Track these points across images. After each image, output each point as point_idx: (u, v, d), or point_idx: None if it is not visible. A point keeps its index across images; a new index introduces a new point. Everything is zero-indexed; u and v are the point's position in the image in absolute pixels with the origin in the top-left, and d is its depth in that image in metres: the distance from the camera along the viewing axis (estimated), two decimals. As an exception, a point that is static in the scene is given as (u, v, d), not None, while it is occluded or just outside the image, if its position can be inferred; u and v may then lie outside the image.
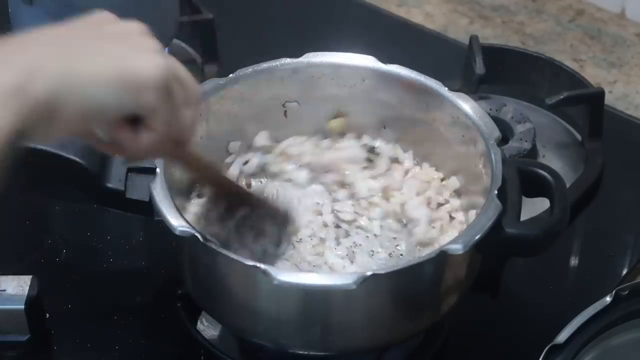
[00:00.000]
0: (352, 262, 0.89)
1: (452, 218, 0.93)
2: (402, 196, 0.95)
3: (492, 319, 0.98)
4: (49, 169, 0.90)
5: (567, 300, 0.99)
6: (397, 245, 0.91)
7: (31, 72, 0.65)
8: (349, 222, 0.92)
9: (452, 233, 0.91)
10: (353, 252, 0.90)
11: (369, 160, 0.98)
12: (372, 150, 0.99)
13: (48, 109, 0.66)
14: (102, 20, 0.74)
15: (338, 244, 0.90)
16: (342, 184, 0.96)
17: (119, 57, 0.70)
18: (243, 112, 0.96)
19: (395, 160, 0.99)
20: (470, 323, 0.95)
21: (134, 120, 0.72)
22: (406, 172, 0.98)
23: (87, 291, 0.99)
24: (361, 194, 0.95)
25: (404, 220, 0.93)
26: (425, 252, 0.87)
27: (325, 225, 0.92)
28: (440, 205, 0.94)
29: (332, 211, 0.93)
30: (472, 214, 0.90)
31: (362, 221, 0.93)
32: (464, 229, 0.89)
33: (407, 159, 0.98)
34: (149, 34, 0.74)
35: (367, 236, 0.92)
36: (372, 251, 0.90)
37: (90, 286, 1.00)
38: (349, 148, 0.99)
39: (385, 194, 0.95)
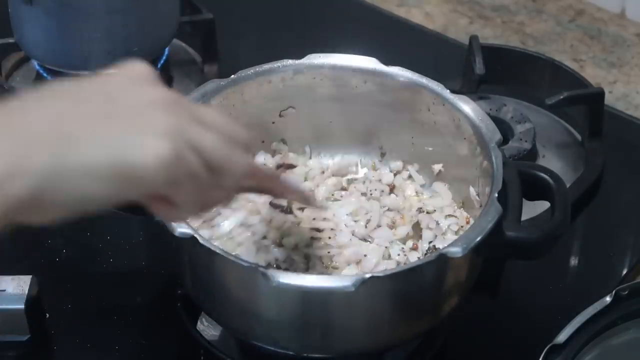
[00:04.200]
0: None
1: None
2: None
3: (492, 319, 0.98)
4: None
5: (567, 300, 0.99)
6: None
7: (16, 164, 0.62)
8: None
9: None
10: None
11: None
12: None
13: (32, 203, 0.63)
14: (122, 83, 0.69)
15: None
16: None
17: (117, 145, 0.64)
18: (244, 113, 0.96)
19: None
20: (470, 323, 0.95)
21: None
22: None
23: (87, 291, 0.99)
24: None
25: None
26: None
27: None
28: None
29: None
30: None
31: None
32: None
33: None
34: (168, 104, 0.67)
35: None
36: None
37: (90, 286, 1.00)
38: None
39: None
